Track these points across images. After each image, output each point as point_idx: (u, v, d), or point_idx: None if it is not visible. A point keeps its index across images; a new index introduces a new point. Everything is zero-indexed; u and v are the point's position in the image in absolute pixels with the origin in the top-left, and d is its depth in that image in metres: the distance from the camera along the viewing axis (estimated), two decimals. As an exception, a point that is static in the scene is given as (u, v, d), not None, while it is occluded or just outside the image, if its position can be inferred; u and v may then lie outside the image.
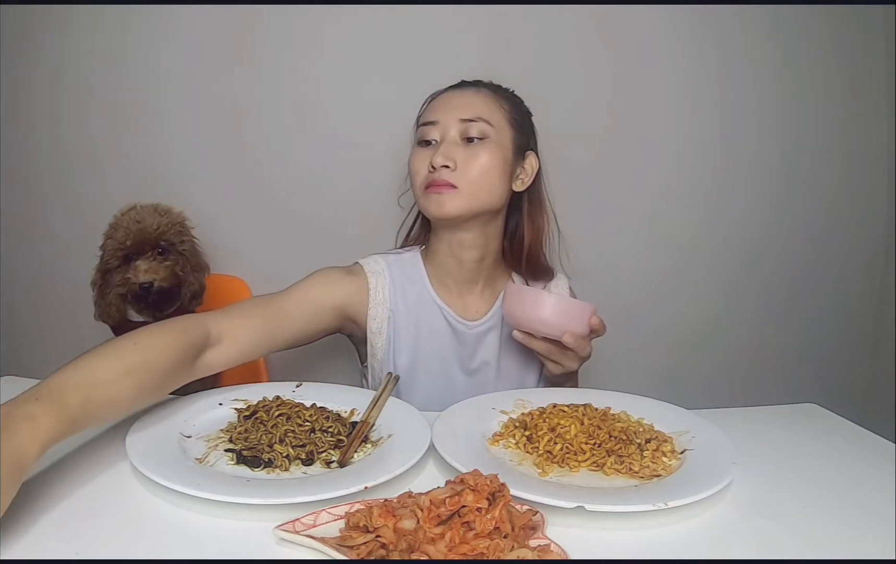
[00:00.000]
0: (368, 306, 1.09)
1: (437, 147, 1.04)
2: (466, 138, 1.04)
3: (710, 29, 1.58)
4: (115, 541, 0.59)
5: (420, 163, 1.06)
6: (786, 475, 0.77)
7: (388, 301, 1.09)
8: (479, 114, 1.04)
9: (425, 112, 1.10)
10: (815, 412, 1.00)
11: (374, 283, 1.09)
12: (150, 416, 0.80)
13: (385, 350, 1.11)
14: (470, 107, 1.05)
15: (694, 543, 0.63)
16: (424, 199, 1.05)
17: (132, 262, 1.15)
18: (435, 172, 1.02)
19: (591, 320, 0.99)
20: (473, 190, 1.02)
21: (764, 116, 1.64)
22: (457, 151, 1.03)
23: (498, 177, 1.05)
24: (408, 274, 1.12)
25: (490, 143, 1.04)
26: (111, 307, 1.16)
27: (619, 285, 1.65)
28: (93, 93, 1.55)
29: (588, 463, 0.76)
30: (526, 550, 0.55)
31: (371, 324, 1.09)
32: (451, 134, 1.04)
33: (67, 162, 1.58)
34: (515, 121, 1.09)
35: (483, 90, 1.08)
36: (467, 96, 1.07)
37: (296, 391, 0.93)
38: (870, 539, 0.64)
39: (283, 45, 1.53)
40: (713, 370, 1.72)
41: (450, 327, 1.11)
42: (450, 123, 1.04)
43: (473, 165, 1.02)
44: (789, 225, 1.70)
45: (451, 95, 1.08)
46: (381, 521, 0.57)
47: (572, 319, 0.97)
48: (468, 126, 1.03)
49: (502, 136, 1.06)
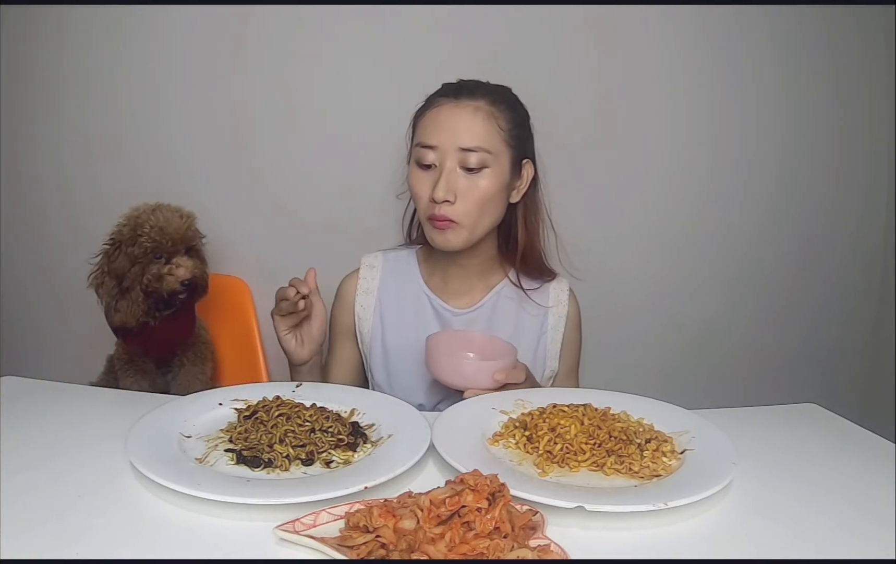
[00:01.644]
0: (356, 297, 1.18)
1: (437, 174, 1.05)
2: (466, 167, 1.04)
3: (710, 29, 1.58)
4: (115, 541, 0.59)
5: (421, 188, 1.07)
6: (785, 476, 0.77)
7: (376, 291, 1.18)
8: (478, 143, 1.04)
9: (423, 130, 1.08)
10: (815, 412, 1.00)
11: (364, 274, 1.18)
12: (150, 416, 0.80)
13: (371, 335, 1.17)
14: (469, 133, 1.04)
15: (694, 543, 0.63)
16: (429, 229, 1.09)
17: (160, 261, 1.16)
18: (437, 206, 1.04)
19: (494, 376, 0.94)
20: (474, 221, 1.06)
21: (764, 116, 1.64)
22: (457, 181, 1.04)
23: (497, 201, 1.08)
24: (401, 268, 1.19)
25: (488, 172, 1.05)
26: (135, 307, 1.16)
27: (619, 285, 1.65)
28: (92, 93, 1.55)
29: (588, 463, 0.76)
30: (526, 550, 0.55)
31: (358, 310, 1.18)
32: (450, 163, 1.04)
33: (68, 163, 1.58)
34: (513, 137, 1.08)
35: (482, 109, 1.06)
36: (466, 118, 1.05)
37: (296, 391, 0.93)
38: (870, 538, 0.64)
39: (281, 44, 1.53)
40: (713, 370, 1.72)
41: (435, 313, 1.16)
42: (448, 149, 1.04)
43: (474, 195, 1.04)
44: (789, 225, 1.69)
45: (450, 115, 1.06)
46: (381, 521, 0.57)
47: (473, 380, 0.94)
48: (467, 156, 1.04)
49: (500, 160, 1.06)
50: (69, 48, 1.54)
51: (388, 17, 1.52)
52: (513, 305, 1.17)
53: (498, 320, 1.16)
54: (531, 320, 1.18)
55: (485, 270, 1.17)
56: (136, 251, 1.14)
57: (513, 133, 1.08)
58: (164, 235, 1.15)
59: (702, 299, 1.70)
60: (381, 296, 1.17)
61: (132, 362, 1.25)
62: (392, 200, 1.52)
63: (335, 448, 0.78)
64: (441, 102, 1.08)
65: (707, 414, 0.88)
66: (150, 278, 1.15)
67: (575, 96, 1.57)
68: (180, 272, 1.16)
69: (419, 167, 1.08)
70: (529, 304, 1.17)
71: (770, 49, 1.61)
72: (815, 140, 1.66)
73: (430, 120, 1.08)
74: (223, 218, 1.50)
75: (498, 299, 1.17)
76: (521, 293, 1.17)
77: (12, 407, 0.87)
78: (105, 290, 1.17)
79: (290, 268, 1.24)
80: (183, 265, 1.17)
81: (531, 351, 1.16)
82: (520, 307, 1.17)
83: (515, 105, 1.12)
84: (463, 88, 1.09)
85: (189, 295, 1.20)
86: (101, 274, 1.17)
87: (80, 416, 0.88)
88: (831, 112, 1.65)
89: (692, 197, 1.66)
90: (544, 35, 1.54)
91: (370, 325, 1.17)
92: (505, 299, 1.18)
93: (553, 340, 1.18)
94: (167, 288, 1.15)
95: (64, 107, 1.56)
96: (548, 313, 1.18)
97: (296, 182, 1.57)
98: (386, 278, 1.18)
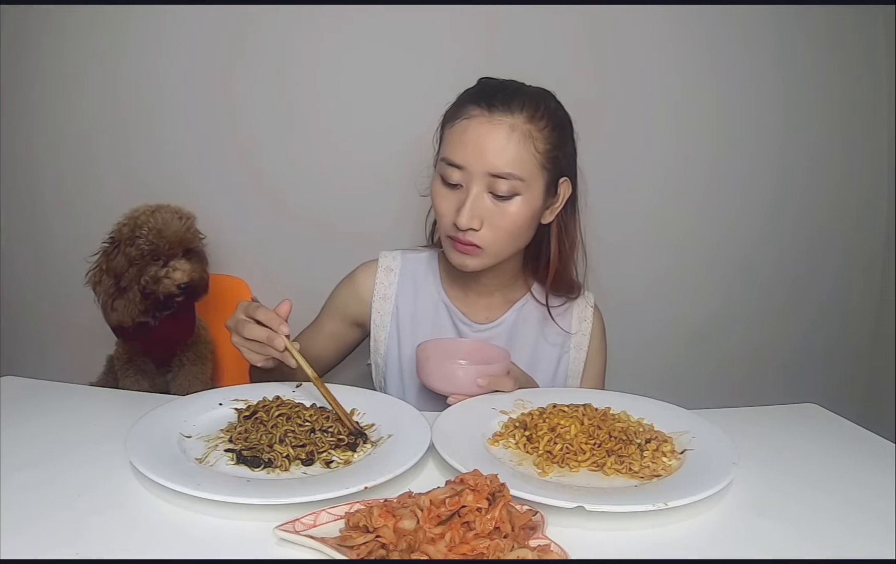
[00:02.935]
0: (373, 300, 1.11)
1: (463, 197, 0.96)
2: (495, 194, 0.96)
3: (710, 29, 1.58)
4: (115, 541, 0.59)
5: (445, 207, 0.99)
6: (786, 475, 0.78)
7: (393, 297, 1.11)
8: (510, 169, 0.94)
9: (451, 146, 0.98)
10: (815, 412, 1.00)
11: (381, 278, 1.11)
12: (150, 416, 0.80)
13: (387, 344, 1.13)
14: (500, 156, 0.94)
15: (694, 543, 0.63)
16: (448, 248, 1.02)
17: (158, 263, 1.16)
18: (460, 232, 0.97)
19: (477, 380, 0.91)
20: (498, 250, 0.99)
21: (763, 115, 1.63)
22: (483, 207, 0.96)
23: (526, 229, 1.00)
24: (421, 273, 1.13)
25: (519, 200, 0.96)
26: (132, 307, 1.16)
27: (619, 285, 1.64)
28: (93, 92, 1.55)
29: (588, 463, 0.76)
30: (526, 550, 0.55)
31: (375, 317, 1.12)
32: (476, 188, 0.95)
33: (68, 162, 1.58)
34: (550, 160, 0.98)
35: (518, 127, 0.95)
36: (499, 139, 0.94)
37: (296, 391, 0.93)
38: (870, 539, 0.65)
39: (282, 44, 1.52)
40: (713, 370, 1.72)
41: (455, 327, 1.11)
42: (476, 172, 0.94)
43: (502, 223, 0.96)
44: (789, 225, 1.69)
45: (481, 133, 0.95)
46: (381, 521, 0.57)
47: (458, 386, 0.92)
48: (497, 183, 0.95)
49: (534, 186, 0.97)
50: (69, 48, 1.54)
51: (388, 17, 1.52)
52: (534, 324, 1.12)
53: (517, 339, 1.11)
54: (552, 341, 1.12)
55: (507, 285, 1.12)
56: (134, 253, 1.14)
57: (550, 155, 0.98)
58: (162, 237, 1.15)
59: (701, 299, 1.70)
60: (399, 302, 1.11)
61: (132, 362, 1.25)
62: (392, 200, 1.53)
63: (335, 448, 0.78)
64: (473, 112, 0.97)
65: (707, 414, 0.88)
66: (148, 279, 1.15)
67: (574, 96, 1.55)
68: (177, 276, 1.15)
69: (444, 184, 0.99)
70: (551, 324, 1.11)
71: (769, 48, 1.61)
72: (814, 140, 1.66)
73: (458, 134, 0.97)
74: (223, 218, 1.50)
75: (518, 317, 1.12)
76: (544, 310, 1.11)
77: (12, 407, 0.87)
78: (102, 288, 1.17)
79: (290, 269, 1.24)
80: (180, 269, 1.16)
81: (551, 372, 1.12)
82: (541, 326, 1.12)
83: (557, 118, 1.01)
84: (498, 95, 0.97)
85: (187, 297, 1.19)
86: (100, 272, 1.17)
87: (80, 416, 0.88)
88: (831, 112, 1.65)
89: (692, 196, 1.66)
90: (545, 35, 1.54)
91: (386, 333, 1.11)
92: (525, 318, 1.12)
93: (575, 359, 1.13)
94: (164, 291, 1.15)
95: (64, 107, 1.56)
96: (570, 343, 1.13)
97: (296, 182, 1.57)
98: (404, 283, 1.12)
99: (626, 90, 1.59)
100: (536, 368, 1.10)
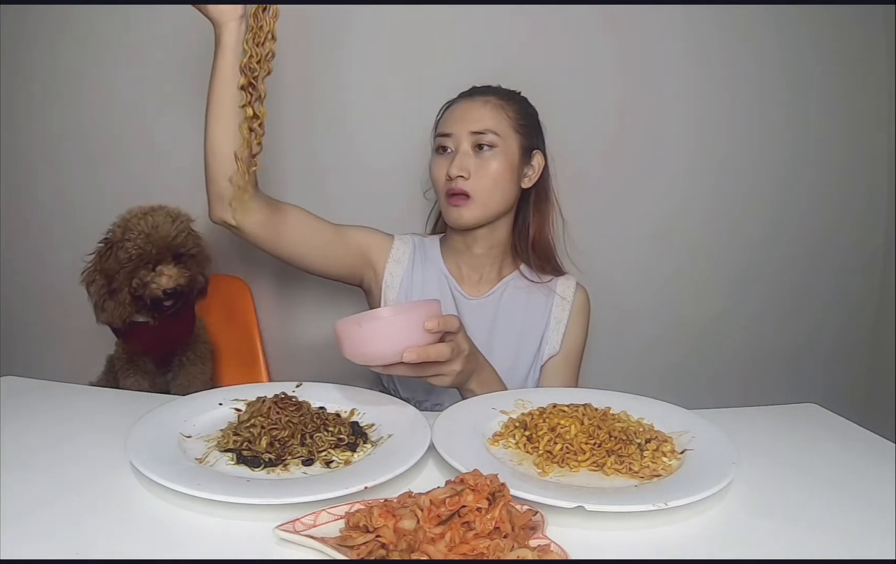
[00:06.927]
0: (388, 261, 1.23)
1: (453, 156, 1.15)
2: (477, 146, 1.15)
3: (712, 31, 1.58)
4: (115, 541, 0.59)
5: (439, 171, 1.18)
6: (786, 476, 0.77)
7: (405, 263, 1.24)
8: (488, 126, 1.15)
9: (442, 124, 1.21)
10: (815, 412, 1.00)
11: (398, 246, 1.24)
12: (150, 416, 0.80)
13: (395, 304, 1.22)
14: (479, 120, 1.15)
15: (694, 543, 0.63)
16: (446, 207, 1.18)
17: (147, 267, 1.15)
18: (452, 182, 1.15)
19: (426, 324, 0.84)
20: (486, 197, 1.15)
21: (765, 117, 1.64)
22: (469, 161, 1.15)
23: (507, 181, 1.17)
24: (427, 253, 1.27)
25: (498, 152, 1.15)
26: (122, 308, 1.16)
27: (620, 285, 1.65)
28: (93, 92, 1.55)
29: (588, 463, 0.76)
30: (526, 550, 0.55)
31: (387, 277, 1.22)
32: (464, 146, 1.15)
33: (67, 162, 1.58)
34: (521, 126, 1.19)
35: (491, 101, 1.18)
36: (477, 109, 1.17)
37: (296, 391, 0.93)
38: (870, 538, 0.64)
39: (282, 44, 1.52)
40: (714, 369, 1.72)
41: (451, 295, 1.23)
42: (462, 135, 1.15)
43: (485, 172, 1.14)
44: (790, 225, 1.70)
45: (464, 108, 1.19)
46: (381, 521, 0.57)
47: (402, 334, 0.83)
48: (478, 138, 1.15)
49: (509, 143, 1.16)
50: (69, 48, 1.54)
51: (389, 17, 1.52)
52: (521, 296, 1.24)
53: (505, 310, 1.22)
54: (538, 310, 1.23)
55: (497, 260, 1.24)
56: (123, 255, 1.14)
57: (520, 122, 1.18)
58: (150, 241, 1.14)
59: (702, 299, 1.70)
60: (411, 268, 1.24)
61: (132, 362, 1.25)
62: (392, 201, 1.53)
63: (335, 448, 0.78)
64: (457, 101, 1.22)
65: (707, 414, 0.88)
66: (137, 283, 1.15)
67: (582, 99, 1.57)
68: (162, 281, 1.14)
69: (438, 154, 1.19)
70: (537, 296, 1.23)
71: (772, 51, 1.61)
72: (816, 141, 1.66)
73: (447, 115, 1.21)
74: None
75: (506, 289, 1.24)
76: (531, 285, 1.24)
77: (12, 407, 0.87)
78: (95, 288, 1.17)
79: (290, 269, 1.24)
80: (167, 274, 1.15)
81: (537, 339, 1.22)
82: (528, 299, 1.23)
83: (523, 102, 1.23)
84: (476, 88, 1.22)
85: (178, 300, 1.18)
86: (93, 272, 1.17)
87: (80, 416, 0.88)
88: (832, 113, 1.65)
89: (693, 198, 1.66)
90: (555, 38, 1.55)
91: (395, 295, 1.22)
92: (513, 290, 1.24)
93: (555, 327, 1.23)
94: (150, 295, 1.15)
95: (64, 107, 1.56)
96: (553, 304, 1.23)
97: (295, 183, 1.57)
98: (415, 258, 1.25)
99: (629, 94, 1.59)
100: (526, 335, 1.22)
